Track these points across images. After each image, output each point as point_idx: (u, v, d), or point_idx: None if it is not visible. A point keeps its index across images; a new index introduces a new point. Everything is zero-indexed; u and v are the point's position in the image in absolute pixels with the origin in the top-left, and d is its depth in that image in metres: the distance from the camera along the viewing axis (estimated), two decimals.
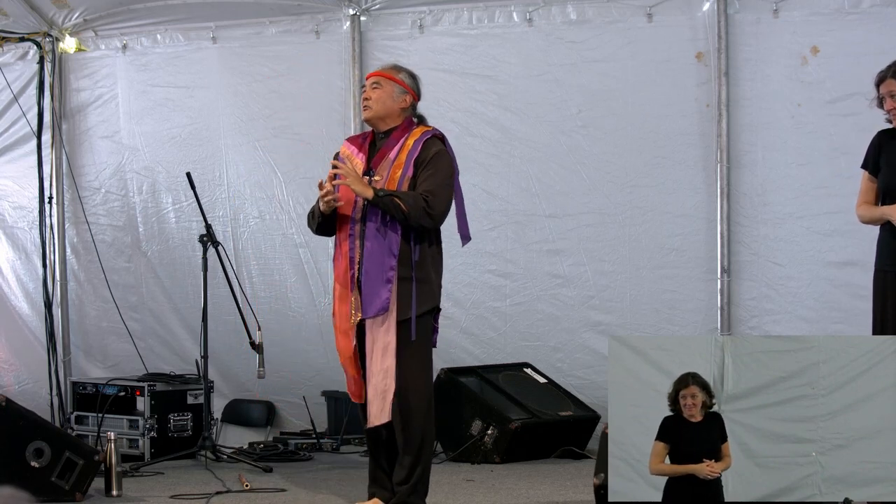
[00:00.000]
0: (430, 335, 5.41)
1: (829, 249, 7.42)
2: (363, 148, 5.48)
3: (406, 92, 5.45)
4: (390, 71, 5.51)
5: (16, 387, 8.93)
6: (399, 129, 5.42)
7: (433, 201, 5.26)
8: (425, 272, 5.33)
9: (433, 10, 8.17)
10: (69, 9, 8.69)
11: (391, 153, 5.37)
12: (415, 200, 5.23)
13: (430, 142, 5.38)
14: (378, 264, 5.28)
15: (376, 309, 5.27)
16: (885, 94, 5.48)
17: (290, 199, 8.49)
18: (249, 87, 8.57)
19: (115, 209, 8.89)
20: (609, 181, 7.89)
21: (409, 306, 5.26)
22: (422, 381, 5.35)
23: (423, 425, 5.33)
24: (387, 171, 5.34)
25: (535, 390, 7.62)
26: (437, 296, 5.41)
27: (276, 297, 8.54)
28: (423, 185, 5.29)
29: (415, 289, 5.27)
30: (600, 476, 5.00)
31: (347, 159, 5.47)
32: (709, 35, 7.62)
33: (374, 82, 5.45)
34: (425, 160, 5.33)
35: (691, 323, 7.74)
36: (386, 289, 5.26)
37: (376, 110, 5.42)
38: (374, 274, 5.28)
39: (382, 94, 5.42)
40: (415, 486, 5.33)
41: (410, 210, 5.21)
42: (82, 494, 5.98)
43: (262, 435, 8.33)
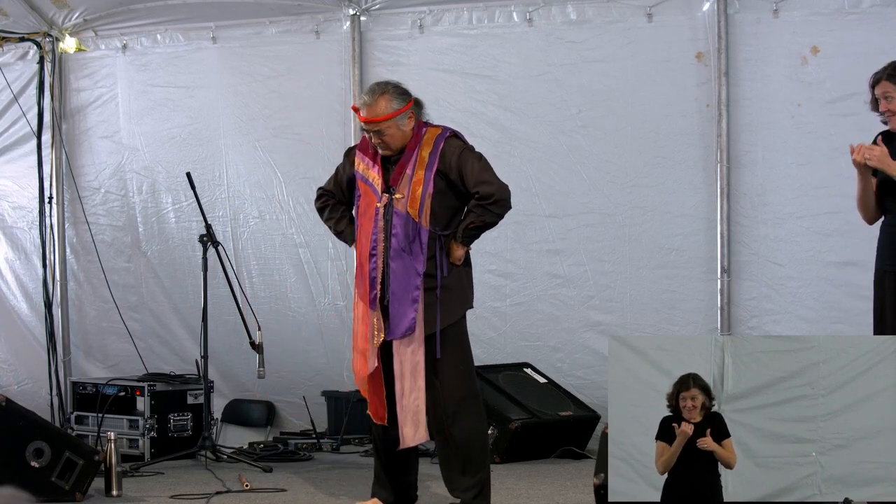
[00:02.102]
0: (463, 341, 5.30)
1: (829, 249, 7.42)
2: (377, 160, 5.33)
3: (406, 114, 5.26)
4: (382, 107, 5.20)
5: (16, 387, 8.92)
6: (411, 142, 5.30)
7: (488, 190, 5.19)
8: (454, 282, 5.25)
9: (433, 10, 8.17)
10: (69, 9, 8.69)
11: (408, 169, 5.25)
12: (482, 209, 5.20)
13: (447, 147, 5.27)
14: (404, 285, 5.18)
15: (402, 330, 5.19)
16: (880, 96, 5.47)
17: (289, 199, 8.49)
18: (249, 87, 8.57)
19: (114, 209, 8.89)
20: (609, 181, 7.89)
21: (434, 320, 5.19)
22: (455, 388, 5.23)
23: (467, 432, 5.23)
24: (407, 188, 5.22)
25: (535, 390, 7.62)
26: (465, 301, 5.33)
27: (276, 297, 8.54)
28: (469, 184, 5.22)
29: (440, 304, 5.19)
30: (600, 476, 5.00)
31: (365, 174, 5.33)
32: (709, 35, 7.62)
33: (377, 130, 5.23)
34: (453, 167, 5.23)
35: (691, 323, 7.73)
36: (412, 309, 5.18)
37: (395, 147, 5.28)
38: (401, 295, 5.18)
39: (392, 134, 5.24)
40: (476, 496, 5.27)
41: (488, 218, 5.22)
42: (82, 494, 5.98)
43: (262, 435, 8.33)
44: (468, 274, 5.38)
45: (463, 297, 5.31)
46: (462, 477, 5.28)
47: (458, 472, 5.29)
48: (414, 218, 5.21)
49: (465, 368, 5.31)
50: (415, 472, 5.52)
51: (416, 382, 5.20)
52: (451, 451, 5.28)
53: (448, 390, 5.23)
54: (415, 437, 5.23)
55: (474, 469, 5.28)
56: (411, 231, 5.21)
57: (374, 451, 5.54)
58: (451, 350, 5.24)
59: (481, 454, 5.30)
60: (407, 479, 5.49)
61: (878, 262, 5.53)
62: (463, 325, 5.32)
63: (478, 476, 5.28)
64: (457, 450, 5.26)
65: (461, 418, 5.23)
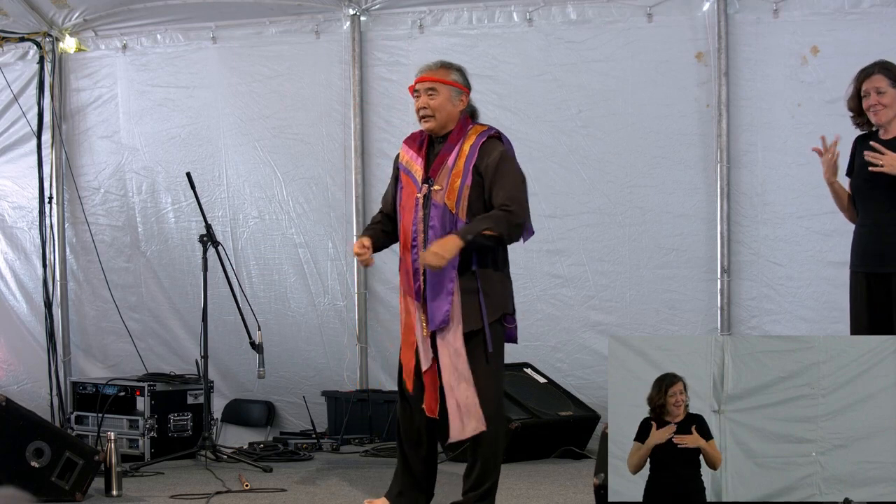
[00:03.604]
0: (499, 346, 5.23)
1: (829, 249, 7.42)
2: (421, 153, 5.28)
3: (462, 92, 5.26)
4: (441, 72, 5.25)
5: (15, 387, 8.93)
6: (455, 131, 5.23)
7: (516, 211, 5.09)
8: (487, 282, 5.19)
9: (433, 10, 8.17)
10: (69, 9, 8.69)
11: (449, 160, 5.18)
12: (498, 221, 5.08)
13: (488, 145, 5.20)
14: (439, 277, 5.12)
15: (438, 322, 5.14)
16: (871, 90, 5.47)
17: (289, 199, 8.50)
18: (249, 87, 8.58)
19: (114, 209, 8.89)
20: (609, 181, 7.89)
21: (470, 318, 5.14)
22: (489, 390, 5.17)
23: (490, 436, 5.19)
24: (446, 180, 5.16)
25: (535, 390, 7.61)
26: (503, 304, 5.25)
27: (276, 297, 8.54)
28: (497, 197, 5.12)
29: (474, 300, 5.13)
30: (600, 476, 5.00)
31: (409, 166, 5.29)
32: (709, 35, 7.63)
33: (430, 88, 5.23)
34: (489, 168, 5.15)
35: (691, 323, 7.74)
36: (447, 301, 5.12)
37: (438, 120, 5.22)
38: (437, 286, 5.14)
39: (442, 101, 5.21)
40: (482, 496, 5.25)
41: (502, 233, 5.10)
42: (82, 494, 5.98)
43: (262, 435, 8.34)
44: (508, 276, 5.32)
45: (494, 303, 5.21)
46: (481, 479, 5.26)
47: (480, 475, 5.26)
48: (451, 209, 5.15)
49: (499, 372, 5.27)
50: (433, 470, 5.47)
51: (461, 374, 5.13)
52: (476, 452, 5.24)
53: (483, 392, 5.16)
54: (464, 430, 5.16)
55: (489, 472, 5.27)
56: (448, 223, 5.15)
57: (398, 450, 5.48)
58: (487, 353, 5.18)
59: (497, 458, 5.29)
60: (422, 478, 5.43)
61: (851, 264, 5.57)
62: (499, 329, 5.25)
63: (490, 479, 5.28)
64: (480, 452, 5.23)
65: (492, 422, 5.19)
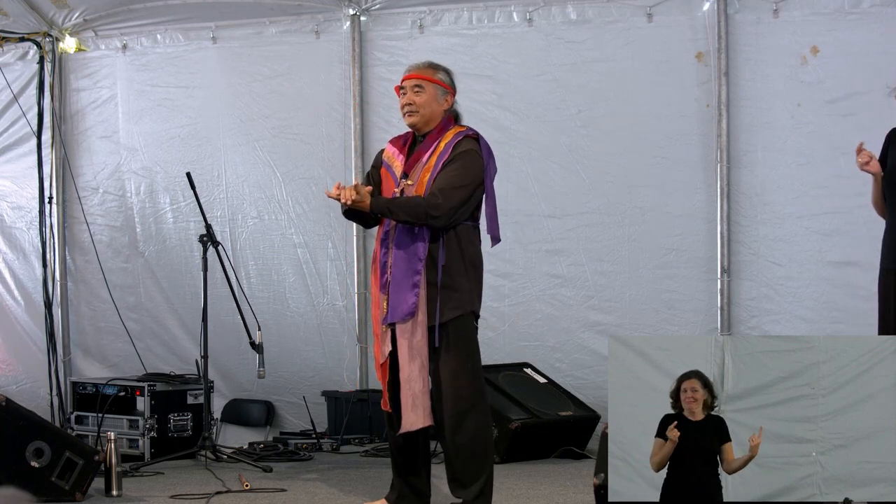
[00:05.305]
0: (469, 341, 5.25)
1: (829, 249, 7.43)
2: (403, 150, 5.37)
3: (447, 92, 5.34)
4: (429, 71, 5.33)
5: (15, 387, 8.93)
6: (435, 130, 5.31)
7: (438, 201, 5.13)
8: (452, 277, 5.21)
9: (433, 10, 8.17)
10: (69, 9, 8.69)
11: (424, 157, 5.27)
12: (413, 208, 5.12)
13: (462, 142, 5.26)
14: (404, 270, 5.18)
15: (402, 314, 5.17)
16: None
17: (289, 199, 8.49)
18: (249, 87, 8.57)
19: (112, 209, 8.89)
20: (609, 181, 7.89)
21: (435, 313, 5.16)
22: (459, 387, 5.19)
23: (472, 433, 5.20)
24: (417, 174, 5.25)
25: (535, 390, 7.61)
26: (470, 301, 5.26)
27: (275, 297, 8.54)
28: (436, 184, 5.19)
29: (440, 295, 5.17)
30: (600, 476, 4.99)
31: (390, 161, 5.37)
32: (709, 35, 7.63)
33: (417, 85, 5.30)
34: (451, 161, 5.22)
35: (691, 323, 7.74)
36: (412, 294, 5.16)
37: (423, 115, 5.30)
38: (401, 279, 5.18)
39: (427, 99, 5.29)
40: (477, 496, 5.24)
41: (407, 217, 5.13)
42: (82, 494, 5.97)
43: (261, 435, 8.33)
44: (476, 278, 5.32)
45: (460, 299, 5.23)
46: (464, 477, 5.27)
47: (461, 473, 5.27)
48: None
49: (472, 368, 5.28)
50: (426, 473, 5.45)
51: (417, 367, 5.17)
52: (452, 451, 5.27)
53: (452, 390, 5.20)
54: (414, 422, 5.18)
55: (477, 470, 5.26)
56: None
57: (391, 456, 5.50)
58: (455, 349, 5.21)
59: (485, 455, 5.28)
60: (415, 482, 5.44)
61: (882, 261, 5.54)
62: (468, 325, 5.27)
63: (481, 477, 5.27)
64: (457, 451, 5.25)
65: (466, 419, 5.21)
